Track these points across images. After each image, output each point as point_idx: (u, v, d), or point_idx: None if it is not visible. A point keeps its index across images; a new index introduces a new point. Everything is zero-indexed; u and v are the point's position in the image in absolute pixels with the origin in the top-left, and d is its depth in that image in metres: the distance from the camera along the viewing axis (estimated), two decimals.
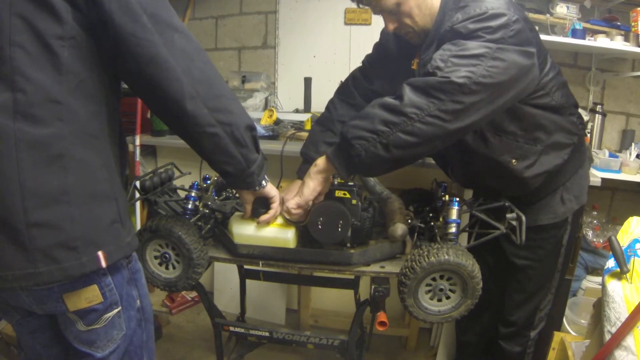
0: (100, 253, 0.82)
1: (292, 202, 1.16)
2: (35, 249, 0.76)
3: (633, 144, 2.19)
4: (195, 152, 0.96)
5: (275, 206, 1.17)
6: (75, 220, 0.79)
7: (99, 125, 0.84)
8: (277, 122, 2.36)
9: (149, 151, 2.45)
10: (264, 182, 1.08)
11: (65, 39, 0.75)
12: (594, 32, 2.09)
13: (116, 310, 0.91)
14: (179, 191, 1.44)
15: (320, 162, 1.15)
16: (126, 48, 0.77)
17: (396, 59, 1.40)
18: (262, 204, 1.16)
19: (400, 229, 1.16)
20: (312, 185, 1.15)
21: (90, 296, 0.86)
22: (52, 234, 0.77)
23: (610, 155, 2.08)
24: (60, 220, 0.78)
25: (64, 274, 0.79)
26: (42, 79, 0.74)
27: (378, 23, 1.30)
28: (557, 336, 1.47)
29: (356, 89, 1.52)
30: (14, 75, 0.72)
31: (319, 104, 2.49)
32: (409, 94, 1.03)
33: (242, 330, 1.46)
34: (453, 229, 1.18)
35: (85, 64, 0.79)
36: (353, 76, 1.55)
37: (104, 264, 0.83)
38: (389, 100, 1.06)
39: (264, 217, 1.17)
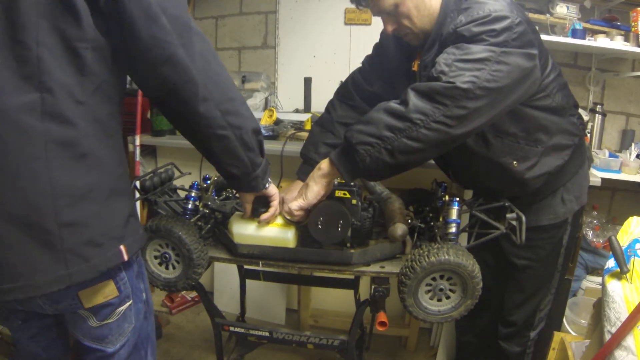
0: (122, 247, 0.85)
1: (296, 204, 1.16)
2: (66, 249, 0.77)
3: (633, 144, 2.19)
4: (202, 154, 0.97)
5: (275, 204, 1.17)
6: (100, 216, 0.81)
7: (115, 124, 0.86)
8: (277, 122, 2.36)
9: (149, 151, 2.45)
10: (267, 185, 1.09)
11: (88, 41, 0.75)
12: (594, 32, 2.09)
13: (128, 304, 0.92)
14: (179, 191, 1.44)
15: (324, 165, 1.15)
16: (145, 49, 0.77)
17: (396, 60, 1.40)
18: (262, 203, 1.16)
19: (400, 229, 1.16)
20: (316, 190, 1.15)
21: (107, 291, 0.87)
22: (81, 232, 0.78)
23: (610, 155, 2.08)
24: (89, 218, 0.79)
25: (93, 271, 0.81)
26: (67, 80, 0.74)
27: (378, 23, 1.30)
28: (557, 336, 1.47)
29: (355, 90, 1.52)
30: (42, 76, 0.72)
31: (319, 104, 2.48)
32: (413, 99, 1.02)
33: (242, 330, 1.46)
34: (453, 229, 1.18)
35: (106, 65, 0.79)
36: (352, 77, 1.55)
37: (125, 257, 0.86)
38: (394, 105, 1.05)
39: (264, 216, 1.17)
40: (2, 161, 0.73)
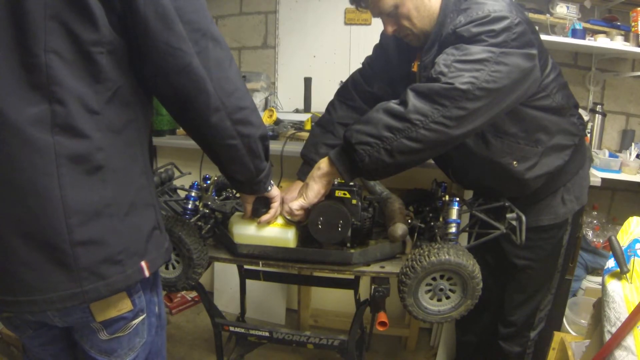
0: (143, 263, 0.81)
1: (296, 204, 1.16)
2: (80, 267, 0.73)
3: (633, 144, 2.19)
4: (208, 156, 0.96)
5: (276, 206, 1.17)
6: (118, 232, 0.77)
7: (135, 131, 0.81)
8: (277, 122, 2.36)
9: None
10: (269, 188, 1.08)
11: (103, 44, 0.70)
12: (594, 32, 2.09)
13: (141, 318, 0.88)
14: (179, 191, 1.45)
15: (324, 165, 1.15)
16: (158, 56, 0.74)
17: (396, 61, 1.40)
18: (263, 203, 1.16)
19: (400, 229, 1.17)
20: (316, 189, 1.15)
21: (120, 304, 0.83)
22: (97, 251, 0.74)
23: (610, 155, 2.08)
24: (105, 235, 0.75)
25: (110, 289, 0.77)
26: (80, 89, 0.70)
27: (378, 23, 1.30)
28: (557, 336, 1.47)
29: (356, 91, 1.52)
30: (51, 85, 0.67)
31: (319, 104, 2.48)
32: (413, 100, 1.02)
33: (242, 330, 1.46)
34: (453, 229, 1.18)
35: (122, 70, 0.75)
36: (353, 78, 1.55)
37: (147, 273, 0.82)
38: (393, 105, 1.05)
39: (265, 217, 1.17)
40: (12, 177, 0.69)
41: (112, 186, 0.76)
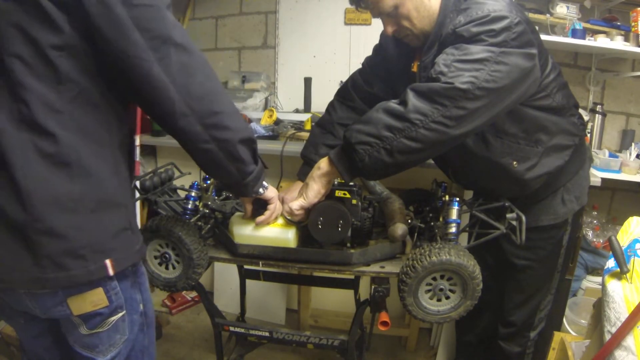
0: (107, 261, 0.82)
1: (296, 204, 1.16)
2: (43, 255, 0.77)
3: (633, 144, 2.19)
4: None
5: (272, 207, 1.16)
6: (82, 228, 0.79)
7: (107, 133, 0.83)
8: (277, 122, 2.37)
9: (149, 151, 2.45)
10: (261, 190, 1.08)
11: (63, 48, 0.74)
12: (594, 32, 2.09)
13: (120, 314, 0.90)
14: (179, 191, 1.44)
15: (324, 164, 1.15)
16: (118, 64, 0.76)
17: (396, 61, 1.40)
18: (263, 204, 1.16)
19: (400, 229, 1.17)
20: (316, 188, 1.15)
21: (96, 300, 0.85)
22: (59, 242, 0.77)
23: (610, 155, 2.08)
24: (67, 229, 0.78)
25: (70, 281, 0.80)
26: (42, 89, 0.74)
27: (378, 23, 1.30)
28: (557, 336, 1.47)
29: (356, 91, 1.52)
30: (14, 87, 0.73)
31: (319, 104, 2.49)
32: (412, 99, 1.03)
33: (242, 330, 1.46)
34: (453, 229, 1.18)
35: (86, 72, 0.77)
36: (352, 79, 1.55)
37: (111, 272, 0.83)
38: (393, 105, 1.05)
39: (259, 219, 1.17)
40: None
41: (79, 183, 0.78)
